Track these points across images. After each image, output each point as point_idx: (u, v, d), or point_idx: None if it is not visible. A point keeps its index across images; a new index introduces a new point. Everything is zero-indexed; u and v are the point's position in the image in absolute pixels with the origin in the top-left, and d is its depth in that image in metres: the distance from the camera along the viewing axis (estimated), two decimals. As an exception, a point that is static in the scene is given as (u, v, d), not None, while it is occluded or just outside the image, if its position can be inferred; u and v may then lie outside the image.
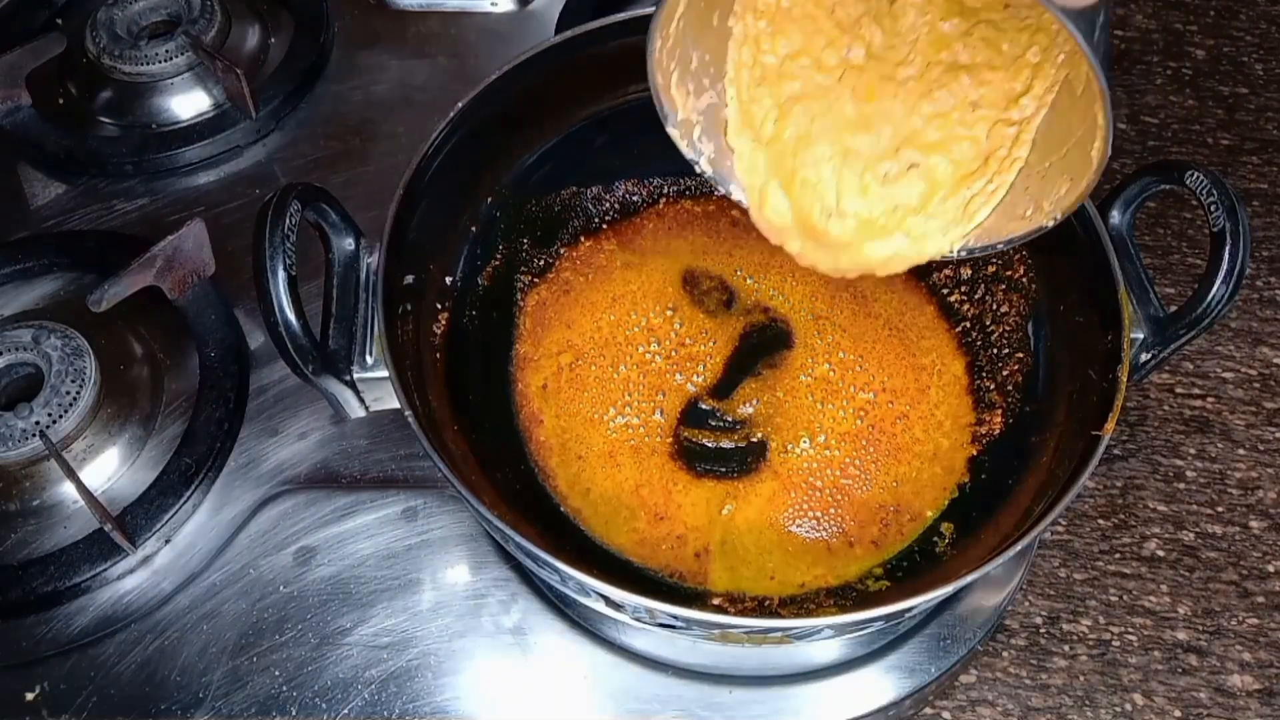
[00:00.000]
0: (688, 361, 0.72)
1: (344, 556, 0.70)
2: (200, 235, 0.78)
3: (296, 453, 0.75)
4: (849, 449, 0.69)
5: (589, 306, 0.74)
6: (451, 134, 0.65)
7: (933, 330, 0.74)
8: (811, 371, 0.72)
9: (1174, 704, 0.70)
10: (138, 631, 0.68)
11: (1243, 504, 0.78)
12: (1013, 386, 0.69)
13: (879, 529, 0.66)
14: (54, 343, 0.73)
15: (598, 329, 0.73)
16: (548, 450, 0.68)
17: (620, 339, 0.73)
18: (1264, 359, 0.85)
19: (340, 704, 0.65)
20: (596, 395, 0.70)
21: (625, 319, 0.73)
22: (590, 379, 0.70)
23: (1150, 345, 0.61)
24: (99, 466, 0.73)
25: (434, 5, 1.01)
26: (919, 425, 0.69)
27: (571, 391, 0.70)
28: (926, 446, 0.69)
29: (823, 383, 0.71)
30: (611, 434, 0.69)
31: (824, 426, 0.69)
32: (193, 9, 0.95)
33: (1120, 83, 1.03)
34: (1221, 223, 0.58)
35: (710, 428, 0.70)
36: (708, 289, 0.76)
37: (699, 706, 0.65)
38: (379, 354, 0.60)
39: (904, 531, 0.66)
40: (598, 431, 0.69)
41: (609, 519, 0.65)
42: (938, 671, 0.66)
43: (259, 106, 0.91)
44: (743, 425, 0.70)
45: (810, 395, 0.71)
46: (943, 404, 0.70)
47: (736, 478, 0.68)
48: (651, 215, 0.79)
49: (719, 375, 0.72)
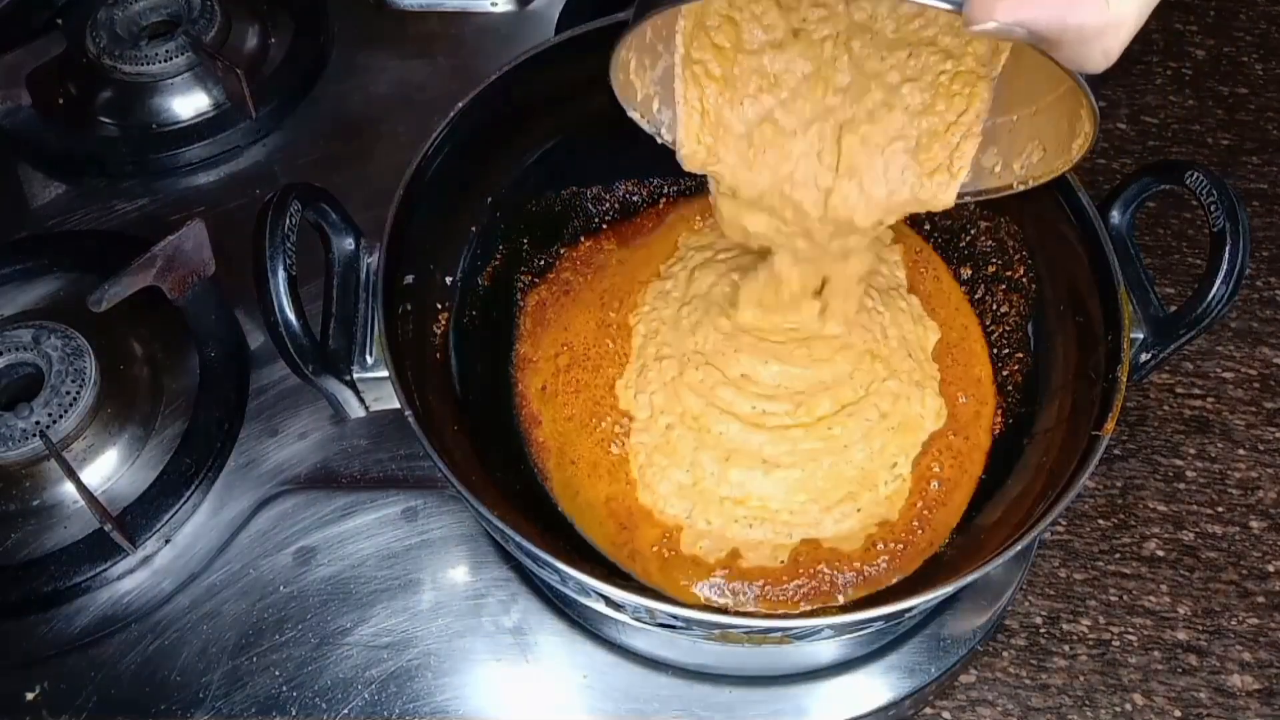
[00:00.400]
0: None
1: (344, 556, 0.70)
2: (200, 235, 0.78)
3: (296, 453, 0.75)
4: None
5: (586, 307, 0.74)
6: (451, 134, 0.65)
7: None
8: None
9: (1174, 704, 0.70)
10: (138, 631, 0.68)
11: (1243, 504, 0.78)
12: (1013, 386, 0.68)
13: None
14: (54, 343, 0.73)
15: (593, 331, 0.73)
16: (546, 452, 0.68)
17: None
18: (1264, 359, 0.85)
19: (340, 704, 0.65)
20: (589, 399, 0.69)
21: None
22: (584, 382, 0.70)
23: (1150, 345, 0.61)
24: (99, 466, 0.73)
25: (434, 5, 1.01)
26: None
27: (567, 394, 0.69)
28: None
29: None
30: (598, 441, 0.68)
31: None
32: (193, 9, 0.95)
33: (1120, 83, 1.03)
34: (1221, 223, 0.58)
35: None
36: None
37: (699, 706, 0.65)
38: (379, 354, 0.60)
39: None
40: (591, 437, 0.68)
41: (590, 525, 0.65)
42: (938, 671, 0.66)
43: (259, 106, 0.91)
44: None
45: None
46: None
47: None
48: (651, 215, 0.79)
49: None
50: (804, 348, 0.66)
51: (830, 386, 0.65)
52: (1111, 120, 0.99)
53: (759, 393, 0.65)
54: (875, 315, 0.68)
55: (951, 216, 0.75)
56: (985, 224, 0.73)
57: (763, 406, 0.65)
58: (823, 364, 0.66)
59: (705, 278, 0.71)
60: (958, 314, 0.73)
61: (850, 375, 0.66)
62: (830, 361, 0.66)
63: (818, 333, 0.66)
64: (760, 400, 0.65)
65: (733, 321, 0.67)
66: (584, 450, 0.67)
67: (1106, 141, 0.98)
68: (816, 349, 0.66)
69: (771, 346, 0.66)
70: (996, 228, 0.72)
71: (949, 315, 0.72)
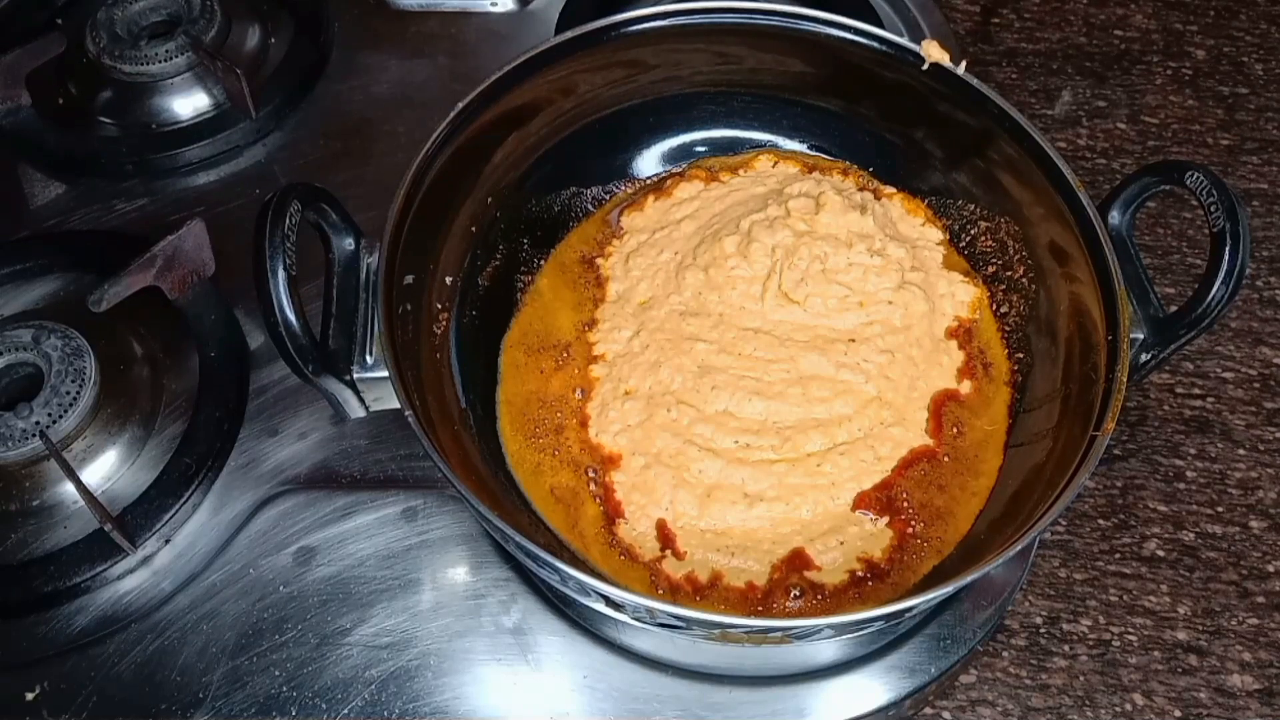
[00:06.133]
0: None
1: (344, 556, 0.70)
2: (200, 235, 0.78)
3: (296, 453, 0.75)
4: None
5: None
6: (452, 134, 0.65)
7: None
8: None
9: (1174, 704, 0.70)
10: (138, 631, 0.68)
11: (1243, 504, 0.78)
12: (1013, 386, 0.68)
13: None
14: (54, 343, 0.73)
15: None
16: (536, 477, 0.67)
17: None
18: (1264, 359, 0.85)
19: (340, 704, 0.65)
20: (562, 441, 0.68)
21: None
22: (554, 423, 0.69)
23: (1150, 345, 0.61)
24: (99, 466, 0.73)
25: (434, 5, 1.01)
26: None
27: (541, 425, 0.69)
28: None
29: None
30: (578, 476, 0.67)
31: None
32: (193, 9, 0.95)
33: (1120, 83, 1.03)
34: (1221, 223, 0.58)
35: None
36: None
37: (699, 706, 0.65)
38: (379, 354, 0.60)
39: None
40: (572, 471, 0.67)
41: (590, 553, 0.65)
42: (938, 671, 0.66)
43: (259, 106, 0.91)
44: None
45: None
46: (943, 404, 0.70)
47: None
48: (651, 215, 0.79)
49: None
50: (798, 387, 0.66)
51: (823, 424, 0.65)
52: (1111, 120, 0.99)
53: (742, 427, 0.65)
54: (907, 366, 0.67)
55: (951, 217, 0.75)
56: (985, 224, 0.73)
57: (746, 440, 0.64)
58: (818, 403, 0.65)
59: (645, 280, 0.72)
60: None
61: (850, 417, 0.65)
62: (827, 402, 0.65)
63: (815, 374, 0.66)
64: (744, 435, 0.65)
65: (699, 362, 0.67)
66: (565, 479, 0.66)
67: (1107, 142, 0.98)
68: (812, 389, 0.66)
69: (754, 384, 0.66)
70: (996, 228, 0.72)
71: None
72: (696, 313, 0.69)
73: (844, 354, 0.67)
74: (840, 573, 0.61)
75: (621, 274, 0.73)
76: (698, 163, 0.79)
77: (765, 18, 0.71)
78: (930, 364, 0.68)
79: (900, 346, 0.67)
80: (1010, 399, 0.68)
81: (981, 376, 0.69)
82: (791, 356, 0.67)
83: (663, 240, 0.73)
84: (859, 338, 0.68)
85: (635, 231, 0.75)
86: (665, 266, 0.72)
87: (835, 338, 0.68)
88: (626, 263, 0.73)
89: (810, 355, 0.67)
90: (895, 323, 0.68)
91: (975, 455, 0.66)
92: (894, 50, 0.70)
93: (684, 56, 0.74)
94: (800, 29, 0.71)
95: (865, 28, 0.70)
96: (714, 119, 0.79)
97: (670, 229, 0.74)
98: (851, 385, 0.66)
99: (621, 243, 0.75)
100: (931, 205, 0.76)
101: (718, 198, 0.75)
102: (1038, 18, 1.08)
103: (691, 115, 0.78)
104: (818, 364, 0.66)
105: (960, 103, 0.69)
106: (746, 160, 0.79)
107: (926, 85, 0.70)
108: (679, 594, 0.61)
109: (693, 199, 0.76)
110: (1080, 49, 1.05)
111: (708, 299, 0.69)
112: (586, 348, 0.71)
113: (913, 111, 0.73)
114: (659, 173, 0.79)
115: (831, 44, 0.71)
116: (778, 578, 0.61)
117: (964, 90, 0.69)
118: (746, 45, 0.74)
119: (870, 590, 0.61)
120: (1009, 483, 0.64)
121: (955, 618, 0.68)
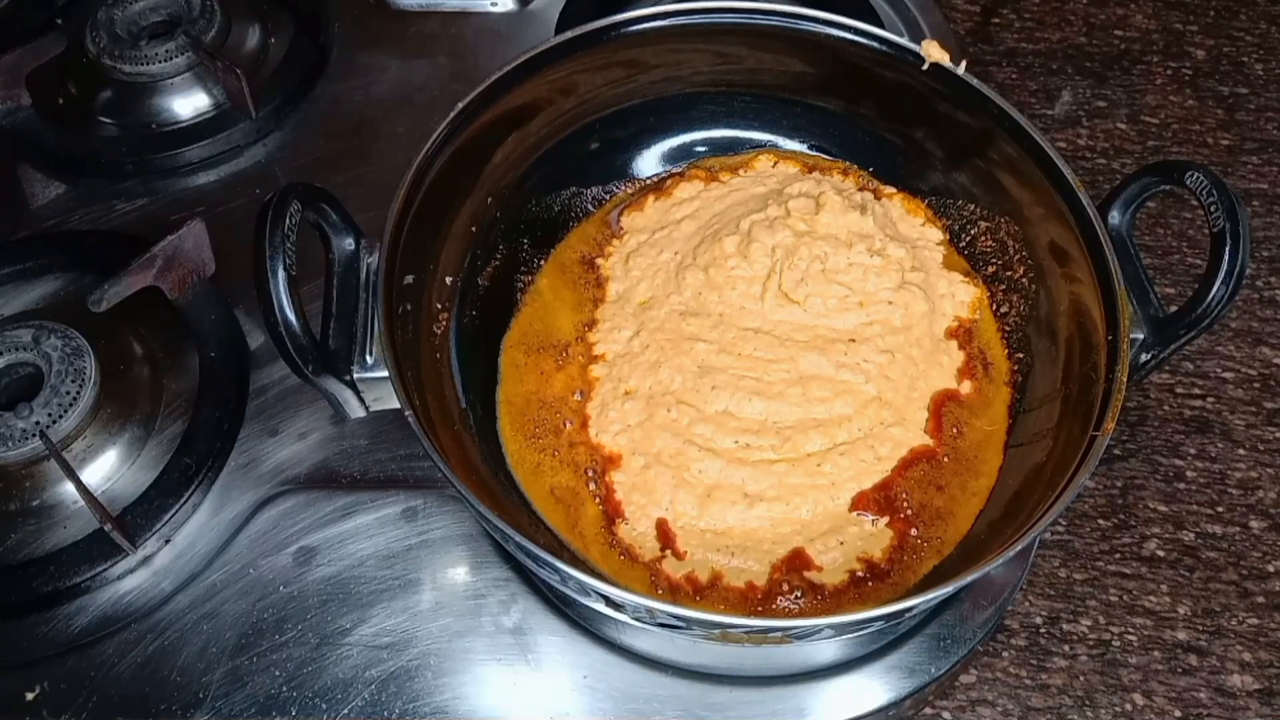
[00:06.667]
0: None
1: (344, 556, 0.70)
2: (200, 235, 0.78)
3: (296, 453, 0.75)
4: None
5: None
6: (451, 134, 0.65)
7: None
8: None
9: (1174, 704, 0.70)
10: (138, 631, 0.68)
11: (1243, 504, 0.78)
12: (1013, 386, 0.68)
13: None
14: (54, 343, 0.73)
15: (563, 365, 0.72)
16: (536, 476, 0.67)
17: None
18: (1264, 359, 0.85)
19: (340, 704, 0.65)
20: (564, 441, 0.68)
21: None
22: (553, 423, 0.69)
23: (1150, 345, 0.61)
24: (99, 466, 0.73)
25: (434, 5, 1.01)
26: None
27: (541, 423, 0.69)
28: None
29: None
30: (578, 476, 0.67)
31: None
32: (193, 9, 0.95)
33: (1120, 83, 1.03)
34: (1221, 223, 0.58)
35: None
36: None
37: (699, 706, 0.65)
38: (379, 354, 0.60)
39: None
40: (572, 471, 0.67)
41: (590, 552, 0.65)
42: (938, 671, 0.66)
43: (259, 106, 0.91)
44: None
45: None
46: (943, 404, 0.70)
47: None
48: (651, 215, 0.79)
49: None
50: (798, 387, 0.66)
51: (823, 424, 0.65)
52: (1111, 120, 0.99)
53: (742, 427, 0.65)
54: (907, 366, 0.67)
55: (951, 217, 0.75)
56: (985, 224, 0.73)
57: (746, 440, 0.64)
58: (818, 403, 0.65)
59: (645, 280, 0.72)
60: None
61: (850, 417, 0.65)
62: (827, 402, 0.65)
63: (815, 374, 0.66)
64: (744, 435, 0.65)
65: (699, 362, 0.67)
66: (565, 479, 0.66)
67: (1107, 141, 0.98)
68: (812, 389, 0.66)
69: (755, 384, 0.66)
70: (996, 228, 0.72)
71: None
72: (696, 313, 0.69)
73: (844, 354, 0.67)
74: (840, 573, 0.61)
75: (621, 274, 0.73)
76: (698, 163, 0.79)
77: (765, 18, 0.71)
78: (930, 364, 0.68)
79: (900, 346, 0.67)
80: (1010, 399, 0.68)
81: (981, 376, 0.69)
82: (791, 356, 0.67)
83: (663, 240, 0.73)
84: (859, 338, 0.68)
85: (635, 231, 0.75)
86: (665, 266, 0.72)
87: (835, 338, 0.68)
88: (626, 263, 0.73)
89: (810, 355, 0.67)
90: (895, 323, 0.68)
91: (975, 455, 0.66)
92: (894, 50, 0.70)
93: (684, 56, 0.74)
94: (800, 29, 0.71)
95: (865, 28, 0.70)
96: (714, 119, 0.79)
97: (670, 229, 0.74)
98: (851, 385, 0.66)
99: (621, 243, 0.75)
100: (931, 205, 0.76)
101: (718, 198, 0.76)
102: (1038, 18, 1.08)
103: (691, 115, 0.78)
104: (818, 364, 0.66)
105: (960, 103, 0.69)
106: (746, 160, 0.79)
107: (926, 85, 0.70)
108: (679, 594, 0.61)
109: (693, 199, 0.76)
110: (1080, 49, 1.05)
111: (708, 299, 0.69)
112: (586, 348, 0.71)
113: (913, 111, 0.73)
114: (659, 173, 0.79)
115: (831, 44, 0.71)
116: (778, 578, 0.61)
117: (964, 90, 0.69)
118: (746, 45, 0.74)
119: (870, 590, 0.61)
120: (1009, 483, 0.64)
121: (955, 618, 0.68)
